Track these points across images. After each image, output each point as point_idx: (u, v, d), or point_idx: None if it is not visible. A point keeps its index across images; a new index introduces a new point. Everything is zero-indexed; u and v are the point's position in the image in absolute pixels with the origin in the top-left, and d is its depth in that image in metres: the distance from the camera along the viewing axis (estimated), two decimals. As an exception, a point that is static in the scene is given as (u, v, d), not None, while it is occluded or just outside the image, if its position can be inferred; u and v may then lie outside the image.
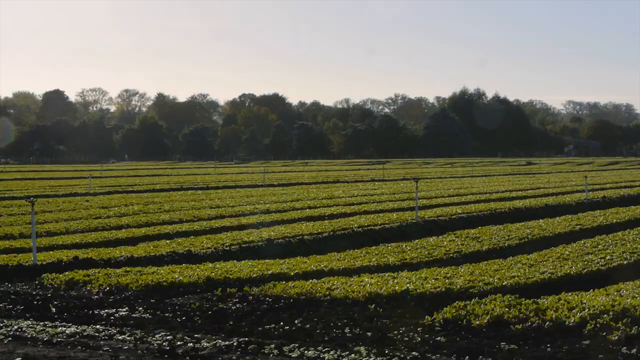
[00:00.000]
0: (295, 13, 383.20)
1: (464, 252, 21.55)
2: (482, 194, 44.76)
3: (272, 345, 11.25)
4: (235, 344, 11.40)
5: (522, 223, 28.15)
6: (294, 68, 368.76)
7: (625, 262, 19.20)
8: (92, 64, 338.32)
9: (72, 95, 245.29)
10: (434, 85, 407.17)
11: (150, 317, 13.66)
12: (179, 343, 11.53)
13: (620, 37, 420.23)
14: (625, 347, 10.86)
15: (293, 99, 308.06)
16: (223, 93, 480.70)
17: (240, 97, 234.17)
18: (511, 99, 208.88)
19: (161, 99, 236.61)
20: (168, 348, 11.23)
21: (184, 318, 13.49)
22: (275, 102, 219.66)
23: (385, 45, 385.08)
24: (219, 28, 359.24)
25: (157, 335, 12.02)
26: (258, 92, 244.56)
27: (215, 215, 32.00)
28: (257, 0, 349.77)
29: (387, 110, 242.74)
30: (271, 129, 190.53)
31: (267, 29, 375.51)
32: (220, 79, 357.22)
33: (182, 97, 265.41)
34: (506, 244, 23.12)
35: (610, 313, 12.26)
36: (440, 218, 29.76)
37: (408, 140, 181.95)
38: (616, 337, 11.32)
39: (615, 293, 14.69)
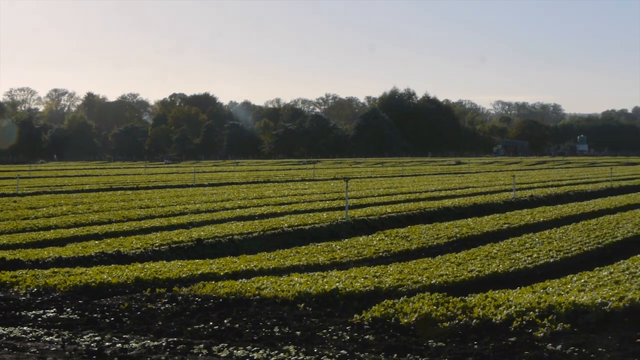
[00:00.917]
0: (224, 12, 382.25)
1: (393, 251, 21.69)
2: (411, 193, 45.04)
3: (201, 345, 11.22)
4: (164, 344, 11.35)
5: (451, 222, 28.42)
6: (225, 68, 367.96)
7: (551, 260, 19.49)
8: (20, 63, 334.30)
9: (0, 95, 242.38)
10: (364, 85, 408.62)
11: (78, 318, 13.53)
12: (107, 344, 11.44)
13: (548, 38, 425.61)
14: (550, 344, 11.00)
15: (224, 99, 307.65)
16: (153, 93, 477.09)
17: (170, 96, 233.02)
18: (441, 99, 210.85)
19: (91, 98, 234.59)
20: (96, 349, 11.14)
21: (112, 319, 13.38)
22: (205, 102, 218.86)
23: (316, 45, 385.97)
24: (147, 27, 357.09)
25: (85, 337, 11.90)
26: (189, 92, 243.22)
27: (145, 215, 31.80)
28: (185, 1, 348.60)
29: (318, 110, 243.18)
30: (202, 129, 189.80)
31: (196, 28, 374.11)
32: (151, 79, 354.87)
33: (112, 97, 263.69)
34: (435, 243, 23.32)
35: (536, 310, 12.43)
36: (370, 217, 29.89)
37: (339, 140, 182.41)
38: (542, 334, 11.48)
39: (542, 290, 14.92)
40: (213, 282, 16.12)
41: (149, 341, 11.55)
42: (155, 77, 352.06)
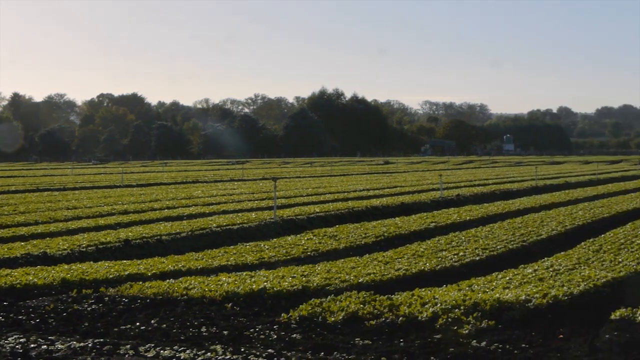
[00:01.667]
0: (150, 12, 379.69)
1: (321, 250, 21.76)
2: (340, 193, 45.21)
3: (128, 346, 11.17)
4: (90, 345, 11.28)
5: (379, 221, 28.59)
6: (153, 68, 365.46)
7: (477, 258, 19.72)
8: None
9: None
10: (293, 86, 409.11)
11: (3, 320, 13.38)
12: (32, 346, 11.34)
13: (474, 38, 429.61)
14: (475, 340, 11.16)
15: (152, 99, 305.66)
16: (81, 93, 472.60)
17: (98, 97, 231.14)
18: (369, 99, 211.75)
19: (17, 98, 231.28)
20: (21, 351, 11.03)
21: (38, 320, 13.25)
22: (134, 102, 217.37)
23: (244, 45, 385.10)
24: (75, 26, 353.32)
25: (10, 339, 11.77)
26: (116, 92, 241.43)
27: (72, 216, 31.49)
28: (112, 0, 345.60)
29: (247, 110, 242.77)
30: (130, 130, 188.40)
31: (123, 27, 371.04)
32: (78, 79, 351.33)
33: (38, 97, 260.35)
34: (363, 242, 23.44)
35: (462, 307, 12.60)
36: (299, 217, 29.96)
37: (268, 140, 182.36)
38: (467, 331, 11.63)
39: (467, 288, 15.12)
40: (140, 283, 16.04)
41: (75, 342, 11.47)
42: (82, 77, 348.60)
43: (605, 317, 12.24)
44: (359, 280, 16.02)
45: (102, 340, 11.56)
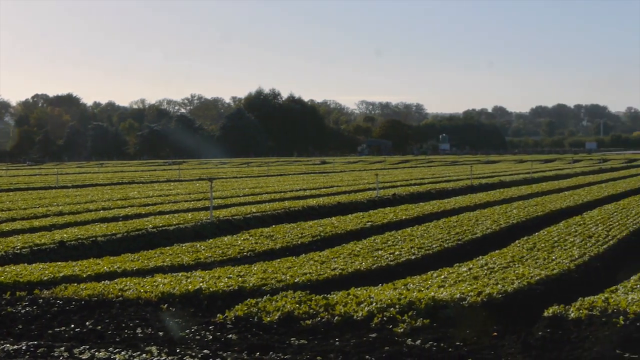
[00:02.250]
0: (84, 12, 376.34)
1: (258, 250, 21.74)
2: (277, 193, 45.19)
3: (62, 348, 11.07)
4: (24, 347, 11.16)
5: (316, 221, 28.64)
6: (89, 68, 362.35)
7: (413, 257, 19.81)
8: None
9: None
10: (230, 86, 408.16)
11: None
12: (-36, 349, 11.21)
13: (410, 38, 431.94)
14: (410, 339, 11.24)
15: (88, 100, 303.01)
16: (15, 94, 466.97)
17: (33, 97, 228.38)
18: (306, 99, 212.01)
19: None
20: (-47, 355, 10.91)
21: (-30, 324, 13.11)
22: (69, 102, 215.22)
23: (181, 46, 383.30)
24: (7, 26, 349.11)
25: (-59, 343, 11.63)
26: (51, 93, 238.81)
27: (5, 218, 31.11)
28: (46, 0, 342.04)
29: (183, 110, 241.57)
30: (65, 130, 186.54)
31: (58, 28, 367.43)
32: (12, 80, 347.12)
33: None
34: (299, 242, 23.46)
35: (397, 306, 12.66)
36: (235, 217, 29.89)
37: (205, 140, 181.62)
38: (402, 330, 11.71)
39: (403, 287, 15.20)
40: (75, 285, 15.90)
41: (8, 345, 11.34)
42: (16, 78, 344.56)
43: (538, 314, 12.38)
44: (295, 280, 16.04)
45: (36, 342, 11.45)
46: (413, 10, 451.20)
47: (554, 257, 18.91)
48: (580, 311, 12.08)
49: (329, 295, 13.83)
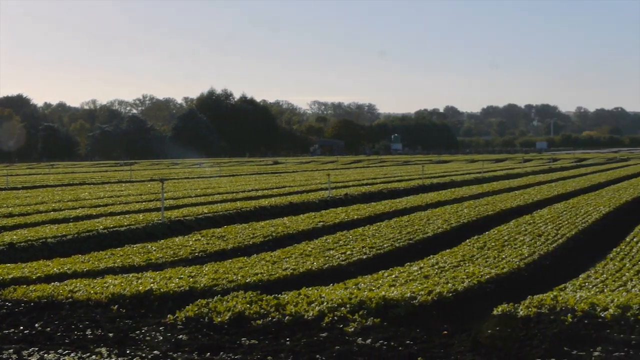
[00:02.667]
0: (33, 12, 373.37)
1: (209, 251, 21.70)
2: (228, 193, 45.07)
3: (11, 350, 10.98)
4: (-29, 351, 11.07)
5: (268, 221, 28.63)
6: (39, 69, 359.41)
7: (364, 257, 19.87)
8: None
9: None
10: (182, 86, 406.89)
11: None
12: None
13: (362, 38, 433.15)
14: (360, 338, 11.27)
15: (38, 100, 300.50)
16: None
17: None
18: (258, 99, 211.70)
19: None
20: None
21: None
22: (19, 103, 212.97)
23: (132, 46, 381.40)
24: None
25: None
26: (0, 94, 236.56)
27: (-47, 220, 30.75)
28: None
29: (135, 111, 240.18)
30: (15, 131, 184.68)
31: (9, 27, 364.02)
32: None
33: None
34: (251, 242, 23.44)
35: (348, 306, 12.70)
36: (187, 218, 29.78)
37: (157, 141, 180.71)
38: (352, 329, 11.74)
39: (354, 286, 15.25)
40: (25, 286, 15.77)
41: (-44, 348, 11.24)
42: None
43: (488, 312, 12.47)
44: (247, 281, 16.03)
45: (-17, 345, 11.35)
46: (364, 10, 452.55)
47: (504, 256, 19.07)
48: (529, 309, 12.19)
49: (280, 295, 13.84)
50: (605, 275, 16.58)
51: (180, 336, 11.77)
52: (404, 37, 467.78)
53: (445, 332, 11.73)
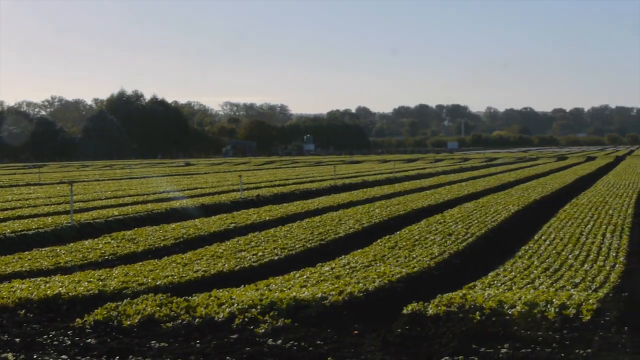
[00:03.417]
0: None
1: (119, 254, 21.45)
2: (139, 195, 44.64)
3: None
4: None
5: (179, 223, 28.41)
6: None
7: (276, 258, 19.84)
8: None
9: None
10: (92, 87, 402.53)
11: None
12: None
13: (273, 40, 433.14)
14: (271, 339, 11.27)
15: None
16: None
17: None
18: (170, 100, 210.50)
19: None
20: None
21: None
22: None
23: (41, 47, 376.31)
24: None
25: None
26: None
27: None
28: None
29: (43, 112, 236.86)
30: None
31: None
32: None
33: None
34: (162, 245, 23.25)
35: (259, 307, 12.69)
36: (97, 221, 29.42)
37: (66, 143, 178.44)
38: (263, 330, 11.73)
39: (265, 288, 15.22)
40: None
41: None
42: None
43: (399, 311, 12.55)
44: (157, 283, 15.90)
45: None
46: (275, 11, 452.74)
47: (414, 255, 19.19)
48: (439, 308, 12.31)
49: (190, 298, 13.77)
50: (513, 273, 16.78)
51: (89, 340, 11.63)
52: (315, 38, 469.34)
53: (356, 331, 11.78)
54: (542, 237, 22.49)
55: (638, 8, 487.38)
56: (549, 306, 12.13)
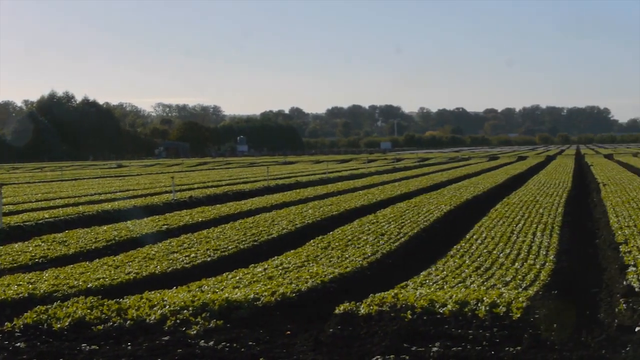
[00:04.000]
0: None
1: (50, 256, 21.20)
2: (71, 197, 44.18)
3: None
4: None
5: (111, 225, 28.17)
6: None
7: (209, 259, 19.79)
8: None
9: None
10: (21, 89, 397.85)
11: None
12: None
13: (202, 41, 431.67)
14: (203, 340, 11.24)
15: None
16: None
17: None
18: (101, 102, 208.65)
19: None
20: None
21: None
22: None
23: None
24: None
25: None
26: None
27: None
28: None
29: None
30: None
31: None
32: None
33: None
34: (94, 247, 23.04)
35: (190, 308, 12.64)
36: (27, 223, 29.05)
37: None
38: (195, 332, 11.69)
39: (197, 289, 15.17)
40: None
41: None
42: None
43: (331, 311, 12.58)
44: (88, 286, 15.77)
45: None
46: (207, 13, 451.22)
47: (347, 256, 19.25)
48: (371, 307, 12.36)
49: (122, 300, 13.67)
50: (445, 273, 16.91)
51: (18, 344, 11.49)
52: (247, 39, 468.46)
53: (289, 332, 11.79)
54: (474, 237, 22.69)
55: (569, 9, 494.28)
56: (479, 305, 12.25)
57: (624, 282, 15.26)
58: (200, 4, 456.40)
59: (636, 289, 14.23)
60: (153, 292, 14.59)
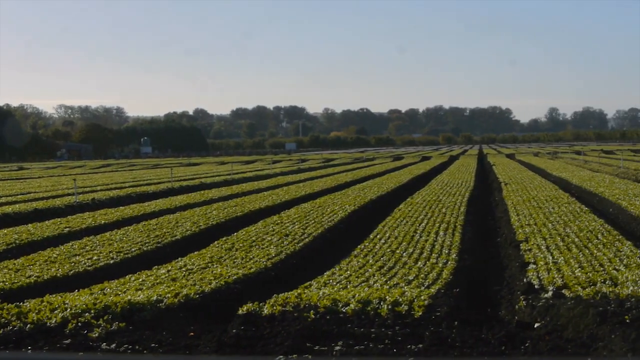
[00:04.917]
0: None
1: (-53, 261, 20.82)
2: (-30, 200, 43.38)
3: None
4: None
5: (11, 228, 27.74)
6: None
7: (112, 262, 19.64)
8: None
9: None
10: None
11: None
12: None
13: (103, 41, 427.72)
14: (105, 343, 11.15)
15: None
16: None
17: None
18: (1, 103, 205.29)
19: None
20: None
21: None
22: None
23: None
24: None
25: None
26: None
27: None
28: None
29: None
30: None
31: None
32: None
33: None
34: (-7, 250, 22.68)
35: (93, 311, 12.53)
36: None
37: None
38: (97, 334, 11.59)
39: (99, 292, 15.05)
40: None
41: None
42: None
43: (235, 312, 12.59)
44: (-13, 290, 15.52)
45: None
46: (112, 11, 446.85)
47: (251, 256, 19.29)
48: (274, 307, 12.41)
49: (22, 304, 13.48)
50: (349, 272, 17.03)
51: None
52: (150, 40, 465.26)
53: (192, 333, 11.75)
54: (378, 236, 22.88)
55: (473, 9, 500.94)
56: (382, 303, 12.38)
57: (524, 280, 15.57)
58: (106, 3, 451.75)
59: (536, 286, 14.51)
60: (54, 295, 14.43)
